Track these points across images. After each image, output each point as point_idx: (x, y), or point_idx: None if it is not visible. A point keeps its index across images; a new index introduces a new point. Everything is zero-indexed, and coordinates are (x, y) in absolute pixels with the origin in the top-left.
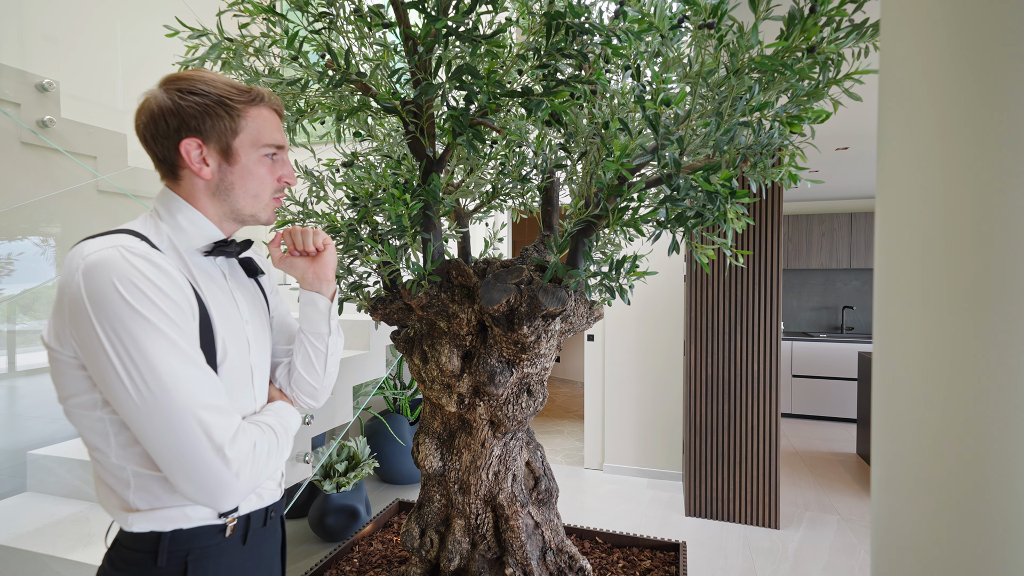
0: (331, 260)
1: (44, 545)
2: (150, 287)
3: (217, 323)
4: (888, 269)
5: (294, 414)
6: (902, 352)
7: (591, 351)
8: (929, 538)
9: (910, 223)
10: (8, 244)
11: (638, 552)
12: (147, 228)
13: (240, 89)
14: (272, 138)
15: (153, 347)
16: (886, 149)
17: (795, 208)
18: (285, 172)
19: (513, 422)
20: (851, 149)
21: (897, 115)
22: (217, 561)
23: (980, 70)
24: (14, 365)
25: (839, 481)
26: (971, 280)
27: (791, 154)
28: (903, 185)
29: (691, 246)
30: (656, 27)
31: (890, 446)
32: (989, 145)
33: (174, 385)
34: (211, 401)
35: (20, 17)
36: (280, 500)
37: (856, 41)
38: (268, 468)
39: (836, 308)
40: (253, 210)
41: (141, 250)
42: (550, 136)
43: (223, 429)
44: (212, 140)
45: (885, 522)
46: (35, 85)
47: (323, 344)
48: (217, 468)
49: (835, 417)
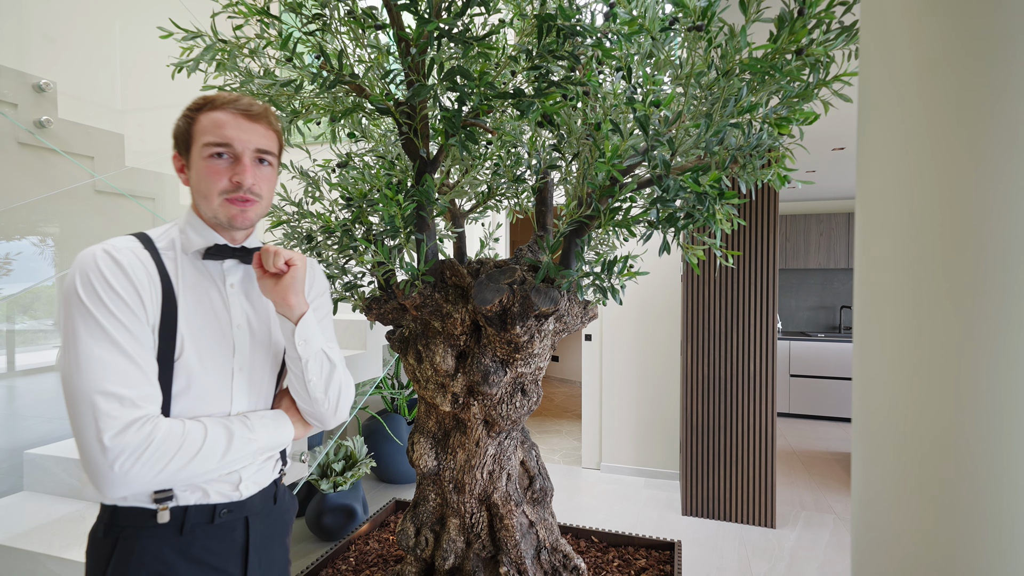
0: (291, 283)
1: (40, 544)
2: (100, 282)
3: (182, 320)
4: (867, 269)
5: (276, 427)
6: (879, 351)
7: (589, 351)
8: (906, 532)
9: (887, 224)
10: (6, 244)
11: (633, 551)
12: (161, 230)
13: (206, 99)
14: (211, 136)
15: (83, 332)
16: (865, 151)
17: (792, 208)
18: (235, 172)
19: (507, 421)
20: (847, 149)
21: (875, 117)
22: (146, 544)
23: (957, 73)
24: (12, 364)
25: (835, 480)
26: (947, 280)
27: (781, 155)
28: (881, 187)
29: (681, 247)
30: (647, 29)
31: (868, 443)
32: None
33: (86, 367)
34: (114, 389)
35: (17, 17)
36: (242, 501)
37: (846, 43)
38: (173, 466)
39: (834, 308)
40: (210, 211)
41: (117, 247)
42: (544, 137)
43: (112, 417)
44: (182, 150)
45: (864, 517)
46: (32, 85)
47: (298, 368)
48: (94, 453)
49: (833, 417)
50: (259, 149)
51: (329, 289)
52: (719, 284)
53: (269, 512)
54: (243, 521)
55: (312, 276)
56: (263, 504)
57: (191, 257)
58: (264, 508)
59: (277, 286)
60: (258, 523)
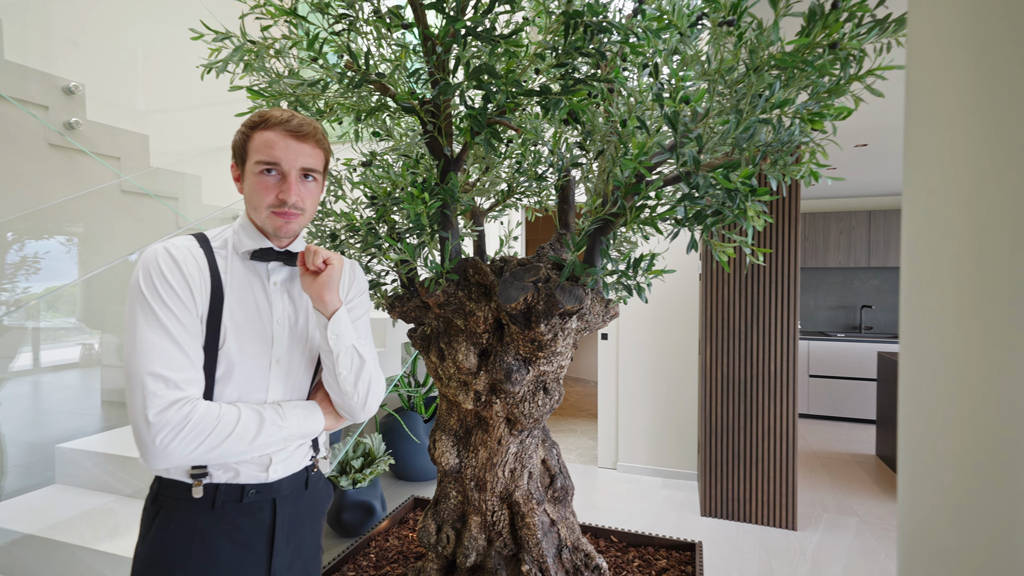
0: (327, 280)
1: (73, 536)
2: (159, 277)
3: (227, 312)
4: (915, 268)
5: (307, 417)
6: (930, 354)
7: (605, 350)
8: (959, 546)
9: (938, 221)
10: (35, 243)
11: (653, 551)
12: (219, 231)
13: (262, 117)
14: (263, 155)
15: (143, 320)
16: (913, 145)
17: (812, 206)
18: (282, 189)
19: (529, 420)
20: (870, 146)
21: (925, 110)
22: (183, 515)
23: (1017, 62)
24: (39, 361)
25: (858, 483)
26: (1002, 279)
27: (811, 151)
28: (931, 182)
29: (709, 244)
30: (674, 25)
31: (918, 450)
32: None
33: (140, 350)
34: (161, 371)
35: (45, 20)
36: (270, 483)
37: (879, 37)
38: (206, 445)
39: (854, 307)
40: (260, 221)
41: (176, 246)
42: (566, 135)
43: (158, 396)
44: (238, 162)
45: (913, 529)
46: (62, 88)
47: (330, 361)
48: (141, 427)
49: (853, 418)
50: (304, 168)
51: (368, 291)
52: (739, 283)
53: (299, 496)
54: (271, 503)
55: (352, 276)
56: (292, 488)
57: (241, 257)
58: (294, 492)
59: (315, 283)
60: (286, 506)
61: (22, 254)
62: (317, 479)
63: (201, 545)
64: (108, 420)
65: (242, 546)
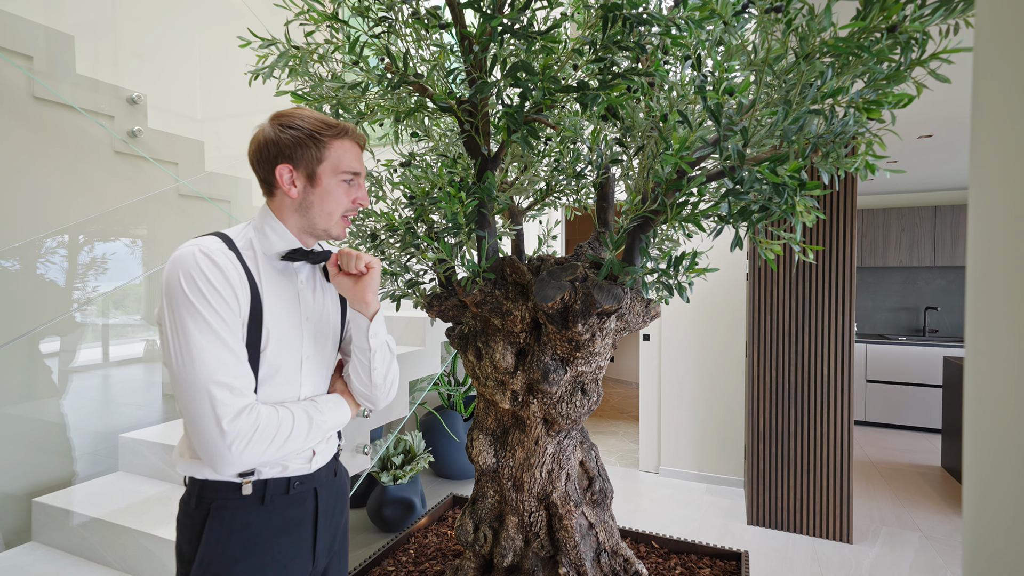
0: (369, 283)
1: (133, 520)
2: (204, 281)
3: (267, 314)
4: (981, 267)
5: (338, 409)
6: (997, 358)
7: (646, 351)
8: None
9: (1008, 216)
10: (103, 245)
11: (696, 559)
12: (237, 231)
13: (329, 124)
14: (350, 166)
15: (194, 327)
16: (981, 134)
17: (870, 201)
18: (360, 195)
19: (567, 421)
20: (935, 136)
21: (995, 95)
22: (234, 514)
23: None
24: (107, 356)
25: (921, 496)
26: None
27: (868, 142)
28: (1000, 174)
29: (755, 242)
30: (719, 14)
31: (985, 463)
32: None
33: (200, 359)
34: (225, 379)
35: (114, 37)
36: (312, 474)
37: (944, 18)
38: (273, 447)
39: (917, 309)
40: (326, 226)
41: (211, 248)
42: (605, 131)
43: (227, 405)
44: (301, 166)
45: (979, 547)
46: (126, 98)
47: (366, 358)
48: (214, 437)
49: (916, 427)
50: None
51: None
52: (789, 282)
53: (331, 483)
54: (313, 492)
55: None
56: (327, 476)
57: (270, 258)
58: (328, 480)
59: (356, 286)
60: (324, 493)
61: (92, 255)
62: (340, 466)
63: (256, 540)
64: (167, 412)
65: (292, 536)
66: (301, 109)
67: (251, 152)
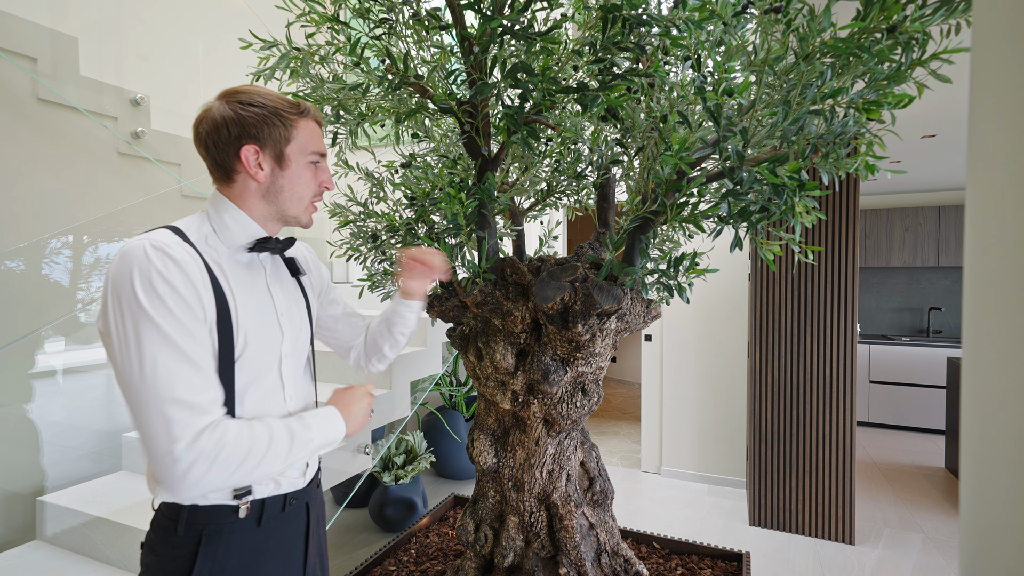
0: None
1: (136, 519)
2: (160, 281)
3: (241, 315)
4: (979, 267)
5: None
6: (997, 358)
7: (648, 351)
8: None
9: (1005, 216)
10: (107, 246)
11: (698, 560)
12: (191, 224)
13: (290, 103)
14: (317, 146)
15: (147, 338)
16: (978, 134)
17: (874, 202)
18: (325, 178)
19: (567, 421)
20: (939, 136)
21: (992, 94)
22: (230, 539)
23: None
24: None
25: (924, 497)
26: None
27: (868, 143)
28: (997, 174)
29: (755, 242)
30: (718, 14)
31: (982, 463)
32: None
33: (153, 375)
34: (186, 396)
35: (117, 39)
36: (305, 488)
37: (945, 18)
38: (243, 469)
39: (921, 310)
40: (296, 212)
41: (164, 242)
42: (605, 132)
43: (184, 425)
44: (268, 146)
45: (975, 548)
46: (130, 100)
47: (408, 331)
48: (166, 461)
49: (919, 428)
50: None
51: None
52: (792, 283)
53: (316, 495)
54: (305, 507)
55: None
56: (314, 488)
57: (233, 251)
58: (315, 492)
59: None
60: (313, 506)
61: (96, 256)
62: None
63: (254, 563)
64: None
65: (287, 553)
66: (253, 86)
67: (204, 133)
